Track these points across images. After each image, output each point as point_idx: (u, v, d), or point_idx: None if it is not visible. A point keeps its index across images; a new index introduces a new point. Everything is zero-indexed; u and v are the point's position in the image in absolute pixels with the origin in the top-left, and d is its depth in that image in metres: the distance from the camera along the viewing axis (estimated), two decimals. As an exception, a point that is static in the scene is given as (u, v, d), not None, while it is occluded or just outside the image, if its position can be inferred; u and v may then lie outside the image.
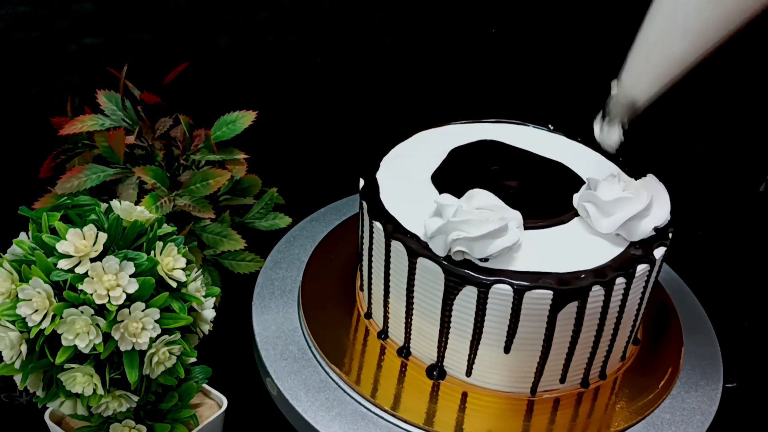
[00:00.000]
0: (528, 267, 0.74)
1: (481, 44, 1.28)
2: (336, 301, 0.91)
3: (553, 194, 0.84)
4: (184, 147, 0.87)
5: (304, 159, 1.19)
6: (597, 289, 0.74)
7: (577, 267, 0.74)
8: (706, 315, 0.95)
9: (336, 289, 0.93)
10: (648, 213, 0.77)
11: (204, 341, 0.70)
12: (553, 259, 0.75)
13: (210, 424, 0.76)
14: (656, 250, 0.78)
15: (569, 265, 0.74)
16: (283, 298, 0.91)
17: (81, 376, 0.62)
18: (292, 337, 0.86)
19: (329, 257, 0.97)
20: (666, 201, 0.80)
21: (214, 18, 1.08)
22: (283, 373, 0.82)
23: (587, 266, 0.74)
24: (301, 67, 1.19)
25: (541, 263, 0.74)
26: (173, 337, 0.63)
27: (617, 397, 0.82)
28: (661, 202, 0.79)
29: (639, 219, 0.77)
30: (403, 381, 0.82)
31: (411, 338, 0.83)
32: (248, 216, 0.94)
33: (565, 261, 0.75)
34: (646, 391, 0.83)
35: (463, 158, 0.89)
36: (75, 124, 0.85)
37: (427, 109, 1.28)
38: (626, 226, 0.77)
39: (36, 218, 0.64)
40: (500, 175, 0.86)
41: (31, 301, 0.59)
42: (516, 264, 0.74)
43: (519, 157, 0.90)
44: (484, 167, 0.87)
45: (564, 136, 0.97)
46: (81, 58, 0.99)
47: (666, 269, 1.00)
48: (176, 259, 0.65)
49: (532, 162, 0.90)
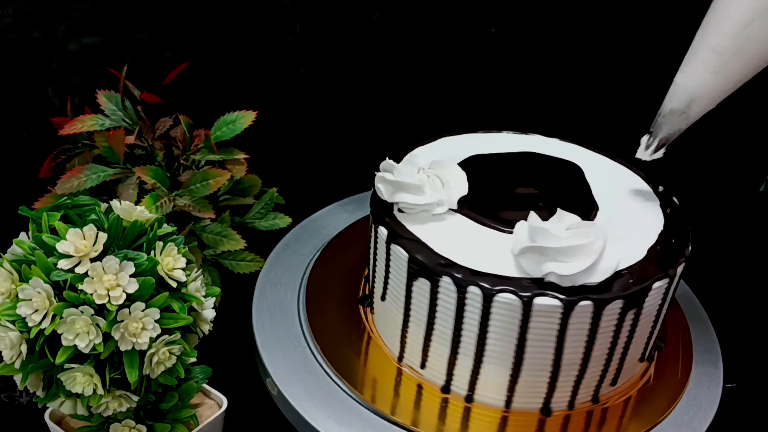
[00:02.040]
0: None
1: (480, 44, 1.28)
2: (336, 302, 0.91)
3: (574, 197, 0.84)
4: (184, 147, 0.87)
5: (304, 159, 1.19)
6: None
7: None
8: (707, 315, 0.95)
9: (336, 289, 0.93)
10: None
11: (204, 341, 0.70)
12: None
13: (210, 424, 0.76)
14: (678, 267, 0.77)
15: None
16: (283, 298, 0.91)
17: (81, 376, 0.62)
18: (292, 337, 0.86)
19: (329, 257, 0.97)
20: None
21: (214, 18, 1.08)
22: (283, 373, 0.82)
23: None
24: (300, 67, 1.19)
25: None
26: (173, 337, 0.63)
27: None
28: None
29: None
30: (399, 386, 0.82)
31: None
32: (248, 216, 0.94)
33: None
34: (653, 403, 0.83)
35: (478, 172, 0.86)
36: (75, 124, 0.85)
37: (426, 109, 1.28)
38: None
39: (36, 218, 0.63)
40: (509, 186, 0.86)
41: (31, 301, 0.59)
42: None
43: (534, 164, 0.90)
44: (501, 181, 0.86)
45: (569, 142, 0.97)
46: (81, 58, 0.99)
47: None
48: (176, 259, 0.65)
49: (549, 167, 0.90)
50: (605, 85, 1.28)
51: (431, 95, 1.29)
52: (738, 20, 0.72)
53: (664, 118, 0.79)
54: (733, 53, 0.73)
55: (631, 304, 0.73)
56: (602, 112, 1.29)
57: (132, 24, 1.02)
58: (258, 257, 0.92)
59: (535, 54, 1.30)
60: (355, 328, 0.89)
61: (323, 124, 1.22)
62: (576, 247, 0.69)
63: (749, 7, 0.71)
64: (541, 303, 0.71)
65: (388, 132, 0.86)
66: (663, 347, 0.89)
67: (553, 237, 0.70)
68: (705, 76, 0.75)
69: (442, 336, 0.78)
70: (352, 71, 1.23)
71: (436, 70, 1.28)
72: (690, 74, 0.76)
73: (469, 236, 0.78)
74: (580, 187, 0.86)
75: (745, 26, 0.71)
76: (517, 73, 1.31)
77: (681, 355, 0.88)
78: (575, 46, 1.28)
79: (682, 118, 0.78)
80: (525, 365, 0.75)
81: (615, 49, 1.25)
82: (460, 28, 1.26)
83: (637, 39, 1.24)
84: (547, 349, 0.74)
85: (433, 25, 1.25)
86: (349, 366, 0.83)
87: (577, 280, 0.71)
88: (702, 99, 0.76)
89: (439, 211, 0.79)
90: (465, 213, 0.80)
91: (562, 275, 0.70)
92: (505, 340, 0.74)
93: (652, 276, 0.74)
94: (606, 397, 0.81)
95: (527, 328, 0.73)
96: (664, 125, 0.79)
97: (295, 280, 0.94)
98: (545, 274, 0.71)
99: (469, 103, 1.29)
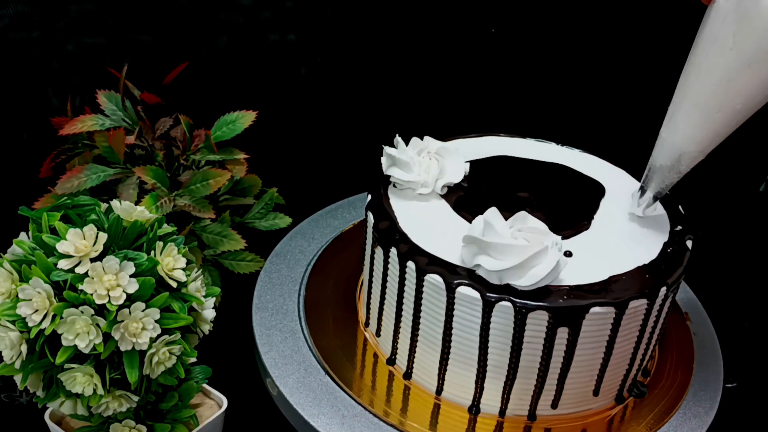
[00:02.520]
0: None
1: (480, 44, 1.28)
2: (336, 302, 0.92)
3: (570, 202, 0.84)
4: (184, 147, 0.87)
5: (304, 159, 1.19)
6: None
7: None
8: (707, 315, 0.95)
9: (336, 290, 0.93)
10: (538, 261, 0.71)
11: (204, 341, 0.70)
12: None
13: (210, 424, 0.76)
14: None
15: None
16: (283, 298, 0.91)
17: (81, 376, 0.62)
18: (292, 337, 0.86)
19: (329, 257, 0.97)
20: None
21: (214, 18, 1.08)
22: (283, 374, 0.82)
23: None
24: (301, 67, 1.19)
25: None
26: (173, 337, 0.63)
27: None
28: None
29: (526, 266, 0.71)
30: (390, 388, 0.82)
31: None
32: (248, 216, 0.94)
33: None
34: (653, 403, 0.82)
35: (474, 174, 0.87)
36: (75, 124, 0.85)
37: (426, 109, 1.28)
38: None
39: (36, 218, 0.63)
40: (513, 189, 0.86)
41: (32, 301, 0.59)
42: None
43: (529, 169, 0.90)
44: (494, 183, 0.87)
45: (565, 146, 0.96)
46: (81, 58, 0.99)
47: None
48: (176, 259, 0.65)
49: (544, 173, 0.90)
50: (605, 85, 1.28)
51: (431, 95, 1.29)
52: (719, 76, 0.68)
53: (655, 174, 0.77)
54: (717, 110, 0.70)
55: (559, 320, 0.71)
56: (602, 112, 1.29)
57: (132, 24, 1.02)
58: (258, 257, 0.92)
59: (536, 54, 1.30)
60: (354, 329, 0.89)
61: (323, 124, 1.22)
62: (508, 246, 0.69)
63: (728, 65, 0.67)
64: (463, 292, 0.72)
65: (388, 132, 0.86)
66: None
67: (493, 233, 0.70)
68: (691, 132, 0.72)
69: (389, 307, 0.81)
70: (352, 71, 1.23)
71: (436, 70, 1.28)
72: (675, 130, 0.74)
73: (439, 220, 0.80)
74: (589, 202, 0.84)
75: (727, 82, 0.68)
76: (517, 73, 1.31)
77: (681, 355, 0.88)
78: (575, 46, 1.28)
79: (673, 173, 0.76)
80: (452, 355, 0.76)
81: (615, 49, 1.25)
82: (460, 28, 1.26)
83: (637, 39, 1.24)
84: (471, 342, 0.74)
85: (434, 25, 1.25)
86: (344, 366, 0.83)
87: (504, 277, 0.70)
88: (691, 153, 0.74)
89: (423, 191, 0.83)
90: (449, 200, 0.83)
91: (488, 270, 0.70)
92: (435, 323, 0.76)
93: (589, 300, 0.71)
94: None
95: (452, 314, 0.73)
96: (654, 181, 0.78)
97: (295, 280, 0.94)
98: (474, 265, 0.72)
99: (469, 104, 1.29)
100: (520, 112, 1.11)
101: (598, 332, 0.73)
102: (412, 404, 0.80)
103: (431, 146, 0.85)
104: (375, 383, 0.82)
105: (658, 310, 0.76)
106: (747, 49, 0.66)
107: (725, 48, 0.67)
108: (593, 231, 0.80)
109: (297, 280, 0.94)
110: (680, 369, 0.86)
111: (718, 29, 0.67)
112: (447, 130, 0.97)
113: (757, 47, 0.66)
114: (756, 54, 0.66)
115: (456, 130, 0.97)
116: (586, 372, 0.76)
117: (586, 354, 0.74)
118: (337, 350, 0.85)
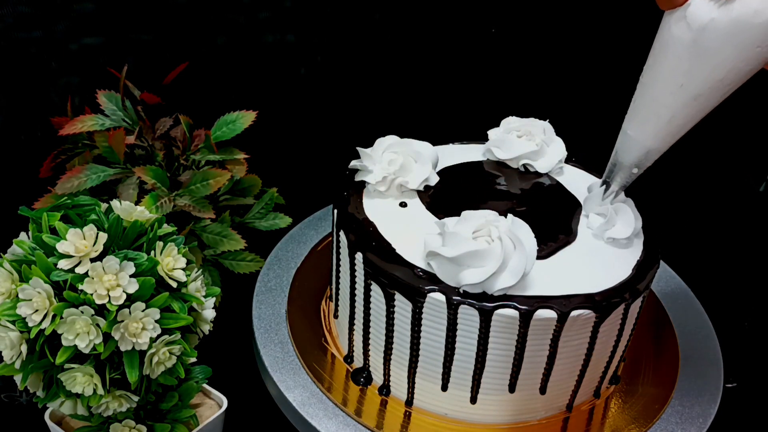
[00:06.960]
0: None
1: (480, 44, 1.28)
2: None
3: (552, 215, 0.82)
4: (184, 147, 0.87)
5: (304, 159, 1.19)
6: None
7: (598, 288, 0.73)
8: (707, 315, 0.95)
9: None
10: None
11: (204, 341, 0.70)
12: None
13: (210, 424, 0.76)
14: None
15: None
16: (284, 299, 0.91)
17: (81, 376, 0.62)
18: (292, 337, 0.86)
19: (329, 258, 0.97)
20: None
21: (214, 18, 1.08)
22: (283, 374, 0.82)
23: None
24: (301, 67, 1.19)
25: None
26: (173, 337, 0.63)
27: (623, 402, 0.82)
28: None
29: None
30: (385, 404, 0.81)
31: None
32: (248, 216, 0.94)
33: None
34: (646, 397, 0.83)
35: (454, 179, 0.87)
36: (75, 124, 0.85)
37: (426, 109, 1.28)
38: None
39: (36, 218, 0.63)
40: (493, 197, 0.84)
41: (32, 301, 0.59)
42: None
43: (510, 177, 0.89)
44: (474, 188, 0.86)
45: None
46: (81, 58, 0.99)
47: (666, 269, 1.00)
48: (176, 259, 0.65)
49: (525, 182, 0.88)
50: (605, 85, 1.28)
51: (431, 95, 1.29)
52: (674, 81, 0.69)
53: (621, 170, 0.77)
54: (683, 106, 0.70)
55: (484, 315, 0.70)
56: (602, 112, 1.29)
57: (132, 24, 1.02)
58: (258, 257, 0.92)
59: (536, 55, 1.30)
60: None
61: (323, 125, 1.22)
62: (452, 235, 0.69)
63: (682, 70, 0.68)
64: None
65: (388, 132, 0.87)
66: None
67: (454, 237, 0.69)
68: (658, 127, 0.72)
69: (343, 300, 0.82)
70: (352, 71, 1.24)
71: (436, 70, 1.28)
72: (641, 127, 0.73)
73: (400, 218, 0.80)
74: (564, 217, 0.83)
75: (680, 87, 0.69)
76: (517, 73, 1.31)
77: (681, 355, 0.88)
78: (576, 46, 1.29)
79: (639, 168, 0.76)
80: (421, 358, 0.75)
81: (616, 50, 1.25)
82: (460, 28, 1.26)
83: (636, 39, 1.24)
84: (437, 344, 0.74)
85: (434, 25, 1.25)
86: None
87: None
88: (658, 149, 0.74)
89: (380, 188, 0.82)
90: (422, 200, 0.82)
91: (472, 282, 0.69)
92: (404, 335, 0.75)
93: (534, 306, 0.70)
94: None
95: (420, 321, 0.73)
96: (619, 176, 0.78)
97: (295, 280, 0.94)
98: (456, 282, 0.71)
99: (469, 104, 1.29)
100: (520, 113, 1.11)
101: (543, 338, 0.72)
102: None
103: (397, 147, 0.83)
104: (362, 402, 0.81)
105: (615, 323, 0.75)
106: (698, 75, 0.67)
107: (679, 69, 0.68)
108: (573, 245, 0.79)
109: (297, 280, 0.94)
110: (680, 369, 0.86)
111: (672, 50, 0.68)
112: (447, 130, 0.97)
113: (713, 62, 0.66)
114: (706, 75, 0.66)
115: (456, 130, 0.97)
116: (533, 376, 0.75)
117: (537, 357, 0.74)
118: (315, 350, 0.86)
